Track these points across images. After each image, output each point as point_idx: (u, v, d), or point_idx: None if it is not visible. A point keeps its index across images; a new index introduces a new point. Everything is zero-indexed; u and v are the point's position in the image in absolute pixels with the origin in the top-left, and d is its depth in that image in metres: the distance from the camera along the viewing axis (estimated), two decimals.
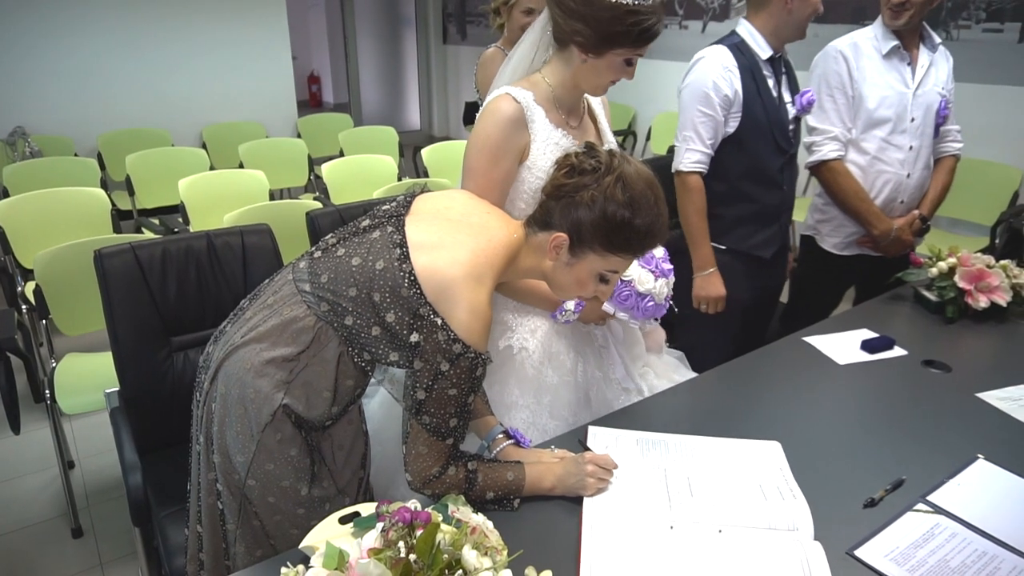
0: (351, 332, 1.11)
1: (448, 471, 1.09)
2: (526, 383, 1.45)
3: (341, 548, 0.86)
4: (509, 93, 1.35)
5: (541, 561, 0.94)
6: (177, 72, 5.02)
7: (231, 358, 1.16)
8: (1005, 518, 1.11)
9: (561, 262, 1.14)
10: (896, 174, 2.13)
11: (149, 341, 1.63)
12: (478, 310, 1.05)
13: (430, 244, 1.10)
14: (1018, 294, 1.84)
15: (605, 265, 1.13)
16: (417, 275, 1.07)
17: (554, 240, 1.12)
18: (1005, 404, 1.44)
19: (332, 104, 10.12)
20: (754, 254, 2.04)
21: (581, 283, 1.16)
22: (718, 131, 1.95)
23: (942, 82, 2.14)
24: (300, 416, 1.14)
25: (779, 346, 1.72)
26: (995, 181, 3.39)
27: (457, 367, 1.05)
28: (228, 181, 3.35)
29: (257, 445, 1.13)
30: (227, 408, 1.15)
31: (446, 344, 1.04)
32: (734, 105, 1.93)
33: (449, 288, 1.05)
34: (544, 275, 1.18)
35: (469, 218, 1.16)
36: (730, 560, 1.01)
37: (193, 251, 1.69)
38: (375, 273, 1.09)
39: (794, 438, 1.31)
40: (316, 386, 1.13)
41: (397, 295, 1.07)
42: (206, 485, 1.22)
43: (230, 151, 4.51)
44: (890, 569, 1.01)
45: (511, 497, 1.12)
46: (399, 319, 1.08)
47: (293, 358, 1.12)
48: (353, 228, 1.18)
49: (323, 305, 1.12)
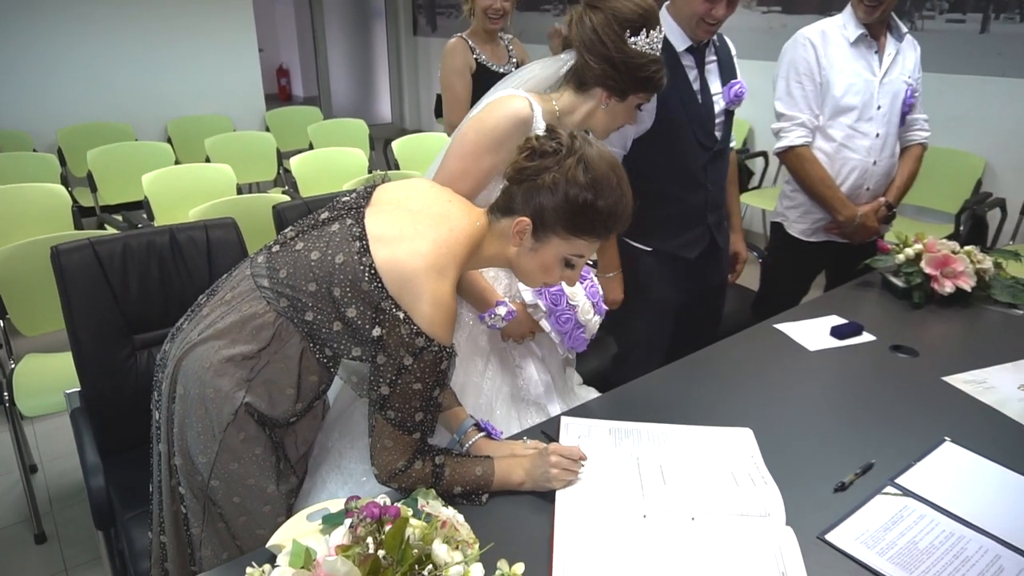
0: (312, 328, 1.09)
1: (414, 465, 1.07)
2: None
3: (308, 546, 0.84)
4: (528, 99, 1.37)
5: (513, 553, 0.93)
6: (140, 64, 4.91)
7: (188, 357, 1.13)
8: (971, 499, 1.12)
9: (525, 248, 1.13)
10: (862, 161, 2.16)
11: (110, 340, 1.59)
12: (441, 302, 1.03)
13: (390, 236, 1.07)
14: (982, 279, 1.87)
15: (570, 249, 1.12)
16: (378, 268, 1.04)
17: (517, 225, 1.10)
18: (971, 387, 1.46)
19: (302, 98, 9.98)
20: (679, 255, 1.93)
21: (546, 269, 1.14)
22: (626, 132, 1.81)
23: (909, 71, 2.16)
24: (263, 414, 1.11)
25: (750, 334, 1.73)
26: (959, 169, 3.45)
27: (421, 361, 1.03)
28: (194, 176, 3.28)
29: (220, 445, 1.10)
30: (187, 408, 1.12)
31: (409, 338, 1.02)
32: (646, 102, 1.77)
33: (411, 281, 1.03)
34: (509, 262, 1.16)
35: (430, 208, 1.13)
36: (703, 547, 1.01)
37: (155, 246, 1.65)
38: (335, 267, 1.06)
39: (766, 424, 1.32)
40: (279, 383, 1.11)
41: (358, 289, 1.05)
42: (168, 491, 1.19)
43: (196, 145, 4.42)
44: (860, 552, 1.01)
45: (479, 492, 1.11)
46: (361, 314, 1.06)
47: (253, 355, 1.09)
48: (312, 221, 1.15)
49: (283, 301, 1.09)
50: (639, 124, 1.83)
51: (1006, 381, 1.48)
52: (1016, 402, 1.40)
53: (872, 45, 2.11)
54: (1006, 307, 1.84)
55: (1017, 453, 1.24)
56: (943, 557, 1.00)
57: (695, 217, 1.92)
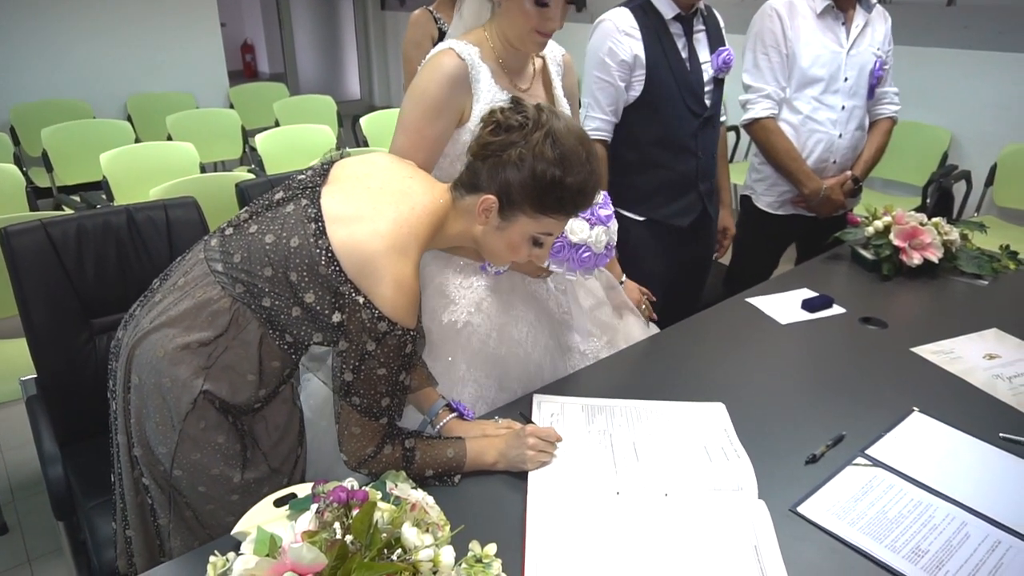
0: (271, 314, 1.05)
1: (384, 450, 1.05)
2: (474, 357, 1.39)
3: (273, 533, 0.82)
4: (453, 48, 1.28)
5: (486, 534, 0.91)
6: (96, 39, 4.72)
7: (142, 345, 1.08)
8: (939, 468, 1.14)
9: (491, 226, 1.09)
10: (828, 134, 2.16)
11: (66, 325, 1.53)
12: (403, 284, 0.99)
13: (348, 216, 1.03)
14: (949, 251, 1.89)
15: (538, 228, 1.09)
16: (335, 251, 1.00)
17: (482, 203, 1.06)
18: (938, 357, 1.48)
19: (268, 74, 9.74)
20: (671, 224, 1.95)
21: (513, 247, 1.11)
22: (618, 97, 1.85)
23: (878, 42, 2.15)
24: (225, 401, 1.07)
25: (722, 308, 1.73)
26: (925, 142, 3.48)
27: (384, 346, 1.00)
28: (155, 154, 3.18)
29: (180, 435, 1.06)
30: (143, 399, 1.08)
31: (371, 323, 0.99)
32: (636, 69, 1.82)
33: (370, 263, 0.99)
34: (475, 240, 1.13)
35: (390, 185, 1.09)
36: (676, 523, 1.01)
37: (112, 227, 1.59)
38: (290, 251, 1.02)
39: (738, 399, 1.32)
40: (239, 369, 1.07)
41: (315, 273, 1.01)
42: (130, 483, 1.15)
43: (157, 123, 4.29)
44: (831, 523, 1.02)
45: (452, 474, 1.09)
46: (319, 299, 1.02)
47: (210, 342, 1.05)
48: (266, 202, 1.10)
49: (238, 287, 1.05)
50: (630, 91, 1.84)
51: (972, 351, 1.50)
52: (982, 371, 1.42)
53: (839, 16, 2.10)
54: (972, 278, 1.87)
55: (982, 421, 1.26)
56: (911, 526, 1.01)
57: (686, 185, 1.94)
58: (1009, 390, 1.36)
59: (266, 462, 1.16)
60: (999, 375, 1.41)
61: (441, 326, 1.38)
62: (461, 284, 1.40)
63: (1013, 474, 1.13)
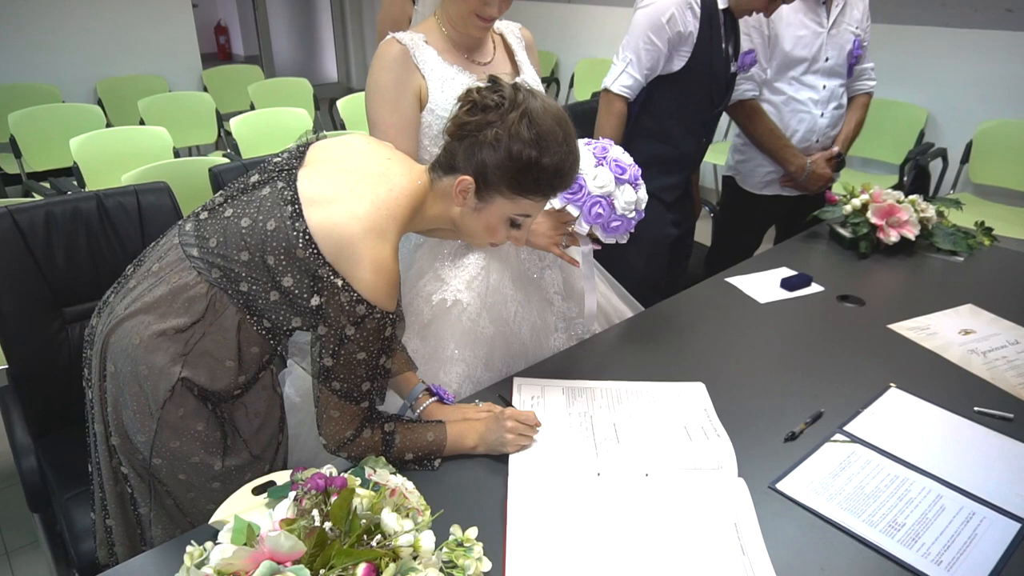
0: (248, 299, 1.03)
1: (363, 433, 1.04)
2: (463, 336, 1.41)
3: (251, 521, 0.81)
4: (394, 37, 1.31)
5: (467, 518, 0.91)
6: (64, 20, 4.59)
7: (116, 332, 1.06)
8: (915, 443, 1.15)
9: (469, 208, 1.07)
10: (809, 114, 2.16)
11: (37, 314, 1.50)
12: (382, 267, 0.98)
13: (325, 198, 1.01)
14: (925, 228, 1.91)
15: (515, 209, 1.07)
16: (312, 233, 0.98)
17: (459, 184, 1.04)
18: (914, 334, 1.49)
19: (243, 56, 9.57)
20: (658, 196, 2.01)
21: (491, 229, 1.10)
22: (658, 64, 1.90)
23: (856, 21, 2.15)
24: (204, 388, 1.06)
25: (702, 288, 1.73)
26: (902, 121, 3.50)
27: (363, 329, 0.98)
28: (127, 139, 3.11)
29: (158, 423, 1.05)
30: (119, 387, 1.06)
31: (349, 306, 0.97)
32: (685, 44, 1.88)
33: (349, 246, 0.97)
34: (453, 222, 1.11)
35: (367, 166, 1.07)
36: (657, 502, 1.01)
37: (81, 213, 1.55)
38: (267, 234, 1.00)
39: (718, 378, 1.32)
40: (217, 356, 1.05)
41: (292, 256, 0.99)
42: (109, 473, 1.13)
43: (128, 107, 4.20)
44: (810, 499, 1.03)
45: (432, 457, 1.09)
46: (298, 282, 1.00)
47: (187, 328, 1.03)
48: (241, 185, 1.08)
49: (215, 271, 1.03)
50: (670, 63, 1.91)
51: (948, 326, 1.52)
52: (957, 347, 1.44)
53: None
54: (948, 255, 1.88)
55: (958, 396, 1.27)
56: (888, 500, 1.02)
57: (682, 164, 2.04)
58: (984, 364, 1.38)
59: (247, 449, 1.15)
60: (974, 350, 1.43)
61: (431, 305, 1.39)
62: (454, 264, 1.42)
63: (987, 447, 1.15)
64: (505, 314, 1.43)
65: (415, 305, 1.38)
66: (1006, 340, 1.46)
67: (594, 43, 5.03)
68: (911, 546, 0.94)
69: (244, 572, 0.75)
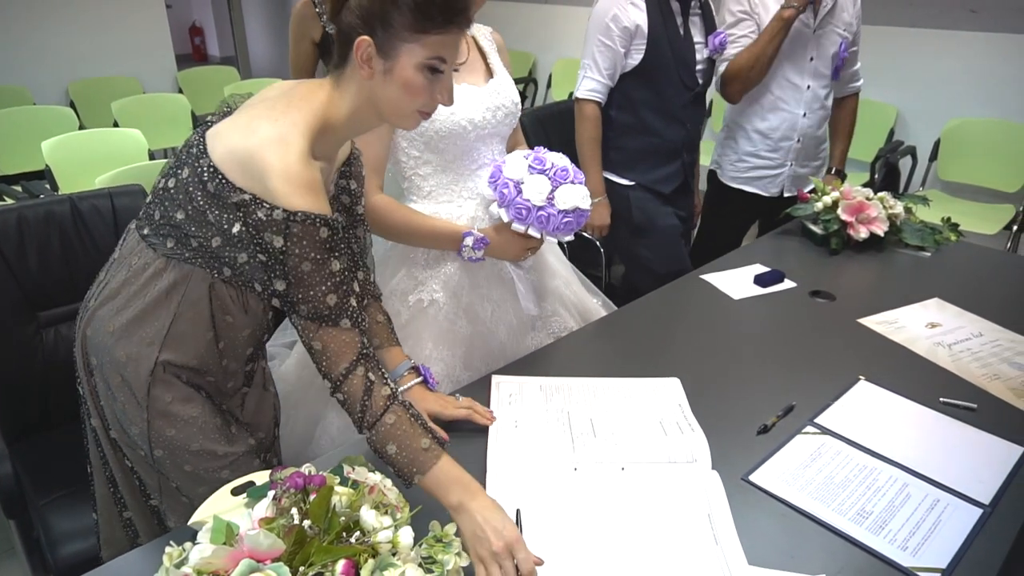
0: (201, 254, 1.01)
1: (357, 370, 0.95)
2: (440, 336, 1.42)
3: (229, 521, 0.81)
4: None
5: (445, 514, 0.92)
6: (33, 21, 4.52)
7: (92, 325, 1.07)
8: (883, 433, 1.18)
9: (379, 72, 0.96)
10: (792, 113, 2.20)
11: (10, 319, 1.48)
12: (292, 174, 0.91)
13: (224, 132, 0.99)
14: (894, 224, 1.95)
15: (425, 52, 0.95)
16: (216, 164, 0.96)
17: (359, 51, 0.94)
18: (883, 328, 1.53)
19: (219, 57, 9.48)
20: (656, 189, 2.09)
21: (410, 87, 0.97)
22: (616, 62, 1.97)
23: (844, 23, 2.17)
24: (192, 369, 1.06)
25: (678, 285, 1.76)
26: (873, 119, 3.57)
27: (292, 237, 0.92)
28: (100, 141, 3.08)
29: (148, 412, 1.05)
30: (105, 380, 1.06)
31: (267, 218, 0.92)
32: (636, 37, 1.94)
33: (249, 161, 0.93)
34: (373, 104, 1.00)
35: (269, 95, 1.02)
36: (633, 496, 1.03)
37: (55, 217, 1.54)
38: (186, 183, 0.99)
39: (693, 373, 1.35)
40: (193, 333, 1.05)
41: (208, 193, 0.97)
42: (118, 466, 1.13)
43: (102, 109, 4.14)
44: (782, 490, 1.05)
45: (411, 470, 0.94)
46: (219, 216, 0.98)
47: (155, 307, 1.03)
48: (173, 158, 1.08)
49: (168, 242, 1.02)
50: (629, 58, 1.98)
51: (915, 320, 1.56)
52: (924, 340, 1.48)
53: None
54: (916, 250, 1.93)
55: (924, 387, 1.31)
56: (857, 489, 1.05)
57: (673, 153, 2.09)
58: (949, 356, 1.42)
59: (249, 434, 1.14)
60: (940, 342, 1.47)
61: (408, 306, 1.40)
62: (427, 264, 1.43)
63: (951, 436, 1.18)
64: (482, 314, 1.44)
65: (390, 305, 1.39)
66: (970, 333, 1.50)
67: (571, 43, 5.05)
68: (878, 533, 0.97)
69: (224, 571, 0.76)
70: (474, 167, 1.43)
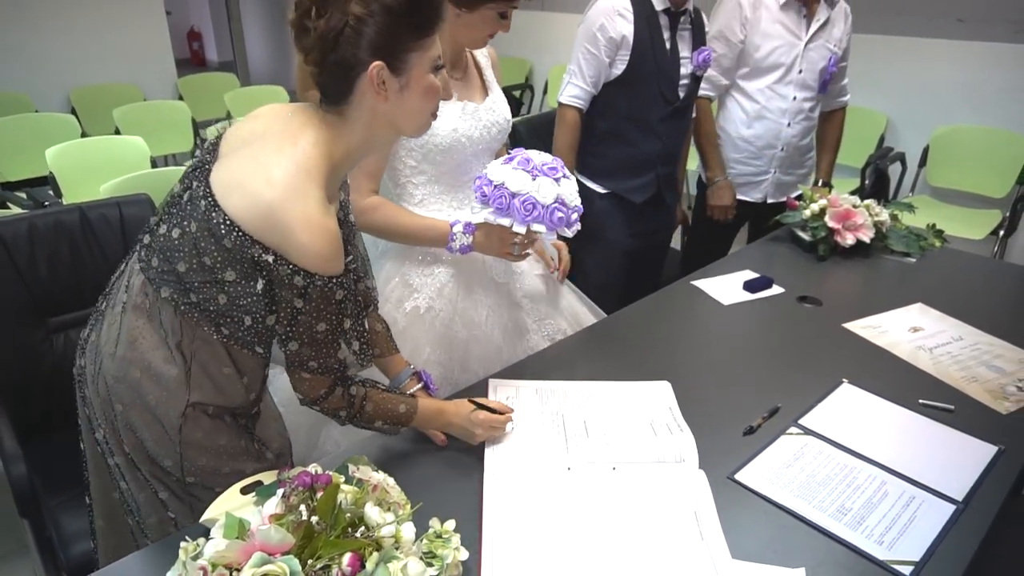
0: (200, 308, 1.02)
1: (336, 392, 1.06)
2: (438, 341, 1.47)
3: (241, 517, 0.86)
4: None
5: (444, 511, 0.97)
6: (35, 28, 4.56)
7: (114, 371, 1.08)
8: (863, 433, 1.23)
9: (394, 91, 0.98)
10: (776, 123, 2.26)
11: (21, 325, 1.54)
12: (314, 224, 0.92)
13: (235, 181, 0.96)
14: (880, 231, 2.01)
15: (429, 54, 0.99)
16: (233, 218, 0.94)
17: (374, 76, 0.95)
18: (867, 332, 1.58)
19: (216, 62, 9.53)
20: (628, 198, 2.12)
21: (429, 91, 1.00)
22: (600, 71, 2.01)
23: (836, 39, 2.24)
24: (219, 407, 1.09)
25: (669, 291, 1.81)
26: (864, 126, 3.63)
27: (310, 300, 0.96)
28: (103, 149, 3.12)
29: (181, 446, 1.08)
30: (131, 423, 1.08)
31: (288, 279, 0.95)
32: (622, 48, 1.97)
33: (271, 216, 0.92)
34: (389, 124, 1.02)
35: (272, 131, 0.99)
36: (623, 494, 1.08)
37: (64, 226, 1.59)
38: (194, 237, 0.98)
39: (683, 377, 1.40)
40: (214, 367, 1.07)
41: (224, 249, 0.96)
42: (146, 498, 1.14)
43: (103, 116, 4.19)
44: (766, 488, 1.10)
45: (400, 426, 1.14)
46: (240, 273, 0.98)
47: (176, 350, 1.05)
48: (170, 199, 1.07)
49: (165, 289, 1.03)
50: (612, 68, 1.99)
51: (898, 324, 1.61)
52: (906, 344, 1.53)
53: (802, 9, 2.19)
54: (901, 256, 1.98)
55: (904, 390, 1.36)
56: (837, 487, 1.10)
57: (647, 164, 2.10)
58: (930, 360, 1.47)
59: (268, 450, 1.19)
60: (921, 346, 1.52)
61: (405, 313, 1.45)
62: (423, 272, 1.47)
63: (928, 436, 1.23)
64: (477, 318, 1.49)
65: (385, 311, 1.43)
66: (951, 336, 1.56)
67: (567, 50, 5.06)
68: (856, 528, 1.02)
69: (237, 564, 0.81)
70: (465, 179, 1.49)
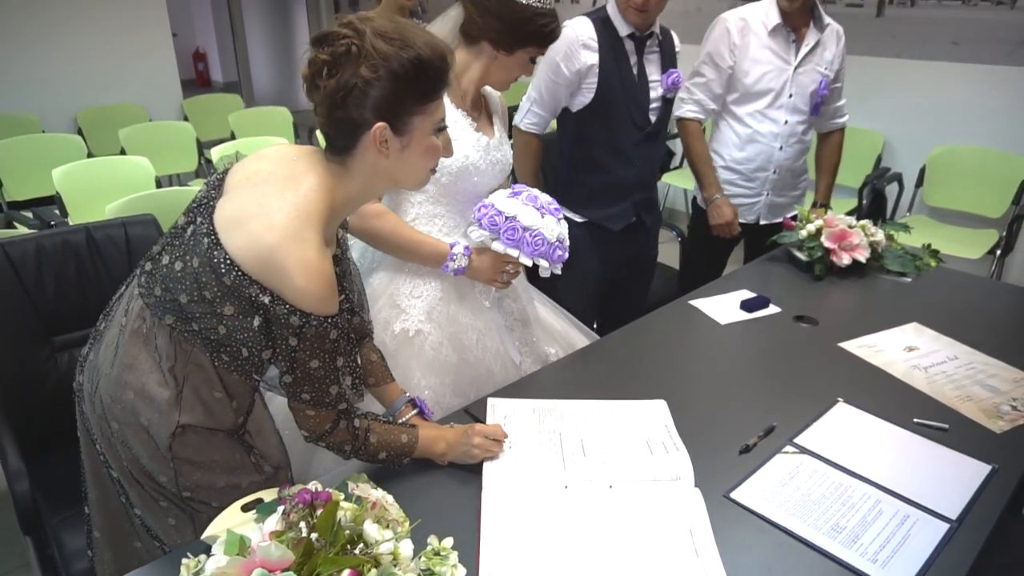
0: (201, 336, 1.06)
1: (340, 425, 1.10)
2: (428, 366, 1.48)
3: (242, 534, 0.87)
4: None
5: (442, 529, 0.98)
6: (43, 50, 4.63)
7: (111, 392, 1.11)
8: (858, 452, 1.24)
9: (395, 151, 1.03)
10: (768, 146, 2.29)
11: (27, 343, 1.56)
12: (311, 269, 0.96)
13: (238, 220, 1.00)
14: (875, 251, 2.03)
15: (432, 118, 1.04)
16: (233, 257, 0.98)
17: (376, 137, 0.99)
18: (863, 351, 1.60)
19: (221, 83, 9.63)
20: (605, 226, 2.09)
21: (430, 151, 1.06)
22: (560, 100, 2.00)
23: (827, 61, 2.26)
24: (208, 429, 1.11)
25: (667, 310, 1.83)
26: (861, 146, 3.66)
27: (305, 339, 1.00)
28: (109, 169, 3.17)
29: (174, 462, 1.10)
30: (127, 441, 1.11)
31: (284, 319, 0.98)
32: (588, 76, 1.94)
33: (269, 258, 0.96)
34: (388, 177, 1.07)
35: (276, 174, 1.03)
36: (619, 512, 1.09)
37: (71, 246, 1.62)
38: (196, 272, 1.02)
39: (679, 396, 1.41)
40: (205, 390, 1.10)
41: (223, 286, 1.00)
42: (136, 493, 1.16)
43: (109, 136, 4.24)
44: (761, 507, 1.12)
45: (402, 457, 1.16)
46: (238, 308, 1.02)
47: (168, 373, 1.08)
48: (173, 229, 1.11)
49: (168, 317, 1.06)
50: (580, 96, 1.97)
51: (894, 344, 1.62)
52: (902, 363, 1.54)
53: (790, 35, 2.21)
54: (896, 275, 2.00)
55: (899, 409, 1.37)
56: (832, 505, 1.11)
57: (622, 191, 2.07)
58: (925, 379, 1.48)
59: (267, 463, 1.20)
60: (916, 365, 1.53)
61: (394, 336, 1.46)
62: (411, 294, 1.49)
63: (923, 455, 1.25)
64: (466, 342, 1.51)
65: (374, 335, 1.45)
66: (946, 356, 1.57)
67: None
68: (851, 547, 1.03)
69: None
70: (460, 207, 1.52)
